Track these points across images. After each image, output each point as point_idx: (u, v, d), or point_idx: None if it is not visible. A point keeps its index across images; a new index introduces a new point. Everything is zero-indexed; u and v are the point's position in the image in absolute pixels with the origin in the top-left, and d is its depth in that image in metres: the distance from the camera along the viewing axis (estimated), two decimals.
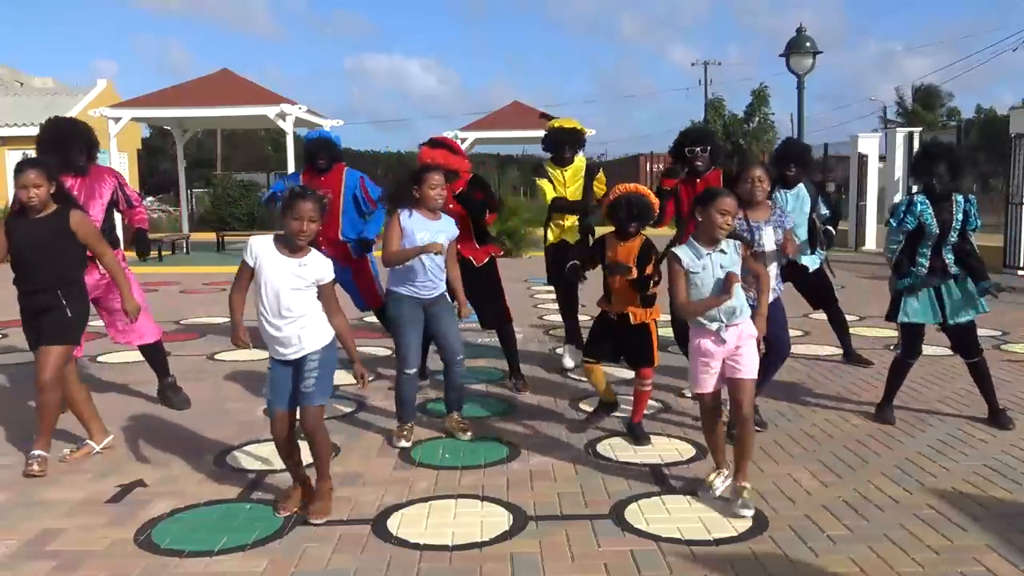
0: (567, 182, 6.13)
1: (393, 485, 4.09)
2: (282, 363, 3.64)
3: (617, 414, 5.04)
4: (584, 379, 6.16)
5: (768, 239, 4.58)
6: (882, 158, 17.26)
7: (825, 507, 3.77)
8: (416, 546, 3.41)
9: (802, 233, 5.97)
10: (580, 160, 6.22)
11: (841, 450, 4.56)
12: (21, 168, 4.16)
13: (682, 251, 3.82)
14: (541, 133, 6.32)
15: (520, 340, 7.56)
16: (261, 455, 4.53)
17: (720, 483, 3.90)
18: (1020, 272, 12.93)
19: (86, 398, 4.62)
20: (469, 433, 4.83)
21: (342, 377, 6.42)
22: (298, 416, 3.69)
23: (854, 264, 14.27)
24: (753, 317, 3.95)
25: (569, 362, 6.61)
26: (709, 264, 3.76)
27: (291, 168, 15.84)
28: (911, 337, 5.07)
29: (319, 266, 3.62)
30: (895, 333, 5.31)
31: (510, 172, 40.35)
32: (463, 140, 22.34)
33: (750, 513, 3.66)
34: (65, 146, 5.17)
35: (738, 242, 3.92)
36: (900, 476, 4.16)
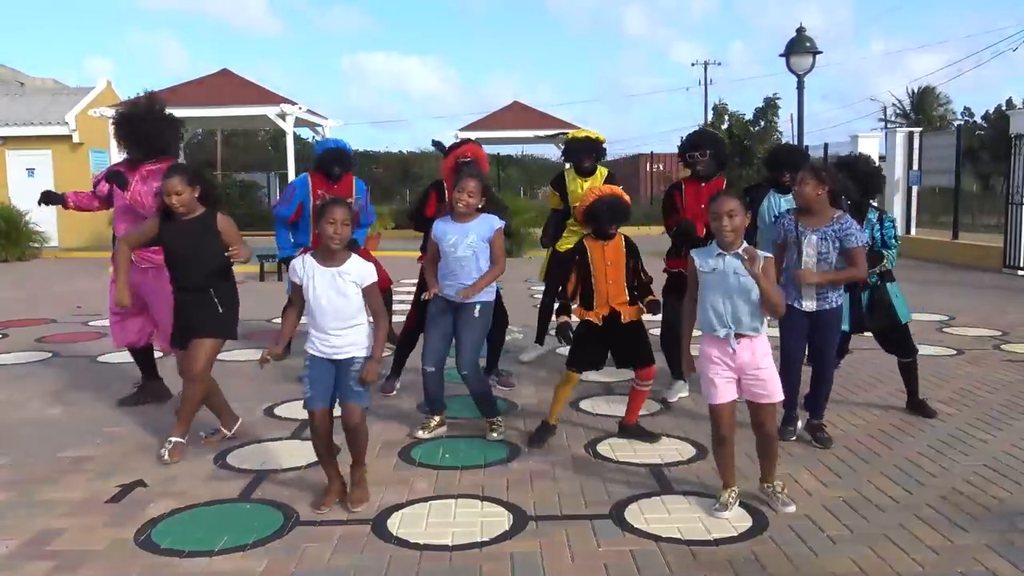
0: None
1: (393, 485, 4.09)
2: (325, 361, 3.72)
3: (613, 413, 5.02)
4: (583, 379, 6.15)
5: (809, 248, 4.37)
6: (882, 158, 17.22)
7: (825, 507, 3.77)
8: (416, 546, 3.41)
9: None
10: (602, 171, 6.25)
11: (841, 450, 4.56)
12: (166, 175, 4.38)
13: (696, 252, 3.78)
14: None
15: (520, 340, 7.56)
16: (261, 455, 4.53)
17: (732, 502, 3.74)
18: (1020, 272, 12.94)
19: (215, 390, 4.78)
20: (494, 434, 4.78)
21: None
22: (340, 412, 3.77)
23: None
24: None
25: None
26: (721, 265, 3.65)
27: (291, 169, 15.83)
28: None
29: (359, 270, 3.72)
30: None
31: (511, 172, 40.39)
32: (463, 140, 22.34)
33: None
34: (134, 133, 5.21)
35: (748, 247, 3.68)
36: (900, 476, 4.16)
